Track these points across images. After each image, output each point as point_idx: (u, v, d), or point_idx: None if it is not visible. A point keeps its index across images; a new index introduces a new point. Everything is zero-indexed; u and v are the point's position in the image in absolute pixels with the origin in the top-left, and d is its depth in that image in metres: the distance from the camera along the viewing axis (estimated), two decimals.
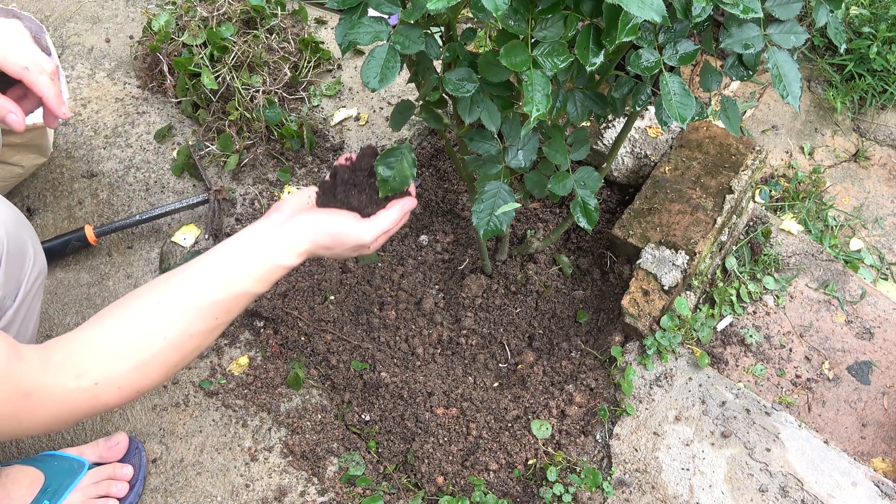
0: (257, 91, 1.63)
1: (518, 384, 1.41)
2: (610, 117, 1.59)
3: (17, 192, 1.59)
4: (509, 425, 1.35)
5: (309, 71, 1.76)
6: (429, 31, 0.90)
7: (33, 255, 1.05)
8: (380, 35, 0.87)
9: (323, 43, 1.81)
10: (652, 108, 1.62)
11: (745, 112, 1.96)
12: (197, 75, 1.63)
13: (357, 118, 1.73)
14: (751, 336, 1.46)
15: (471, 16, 1.83)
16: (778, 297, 1.53)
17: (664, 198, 1.47)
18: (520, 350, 1.45)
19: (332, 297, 1.49)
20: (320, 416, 1.35)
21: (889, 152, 1.91)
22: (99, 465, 1.24)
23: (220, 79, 1.61)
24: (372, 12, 0.90)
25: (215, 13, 1.65)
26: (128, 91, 1.77)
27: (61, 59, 1.82)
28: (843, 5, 1.46)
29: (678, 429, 1.31)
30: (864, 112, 1.97)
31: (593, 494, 1.25)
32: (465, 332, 1.47)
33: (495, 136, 1.03)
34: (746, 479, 1.25)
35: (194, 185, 1.62)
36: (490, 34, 1.83)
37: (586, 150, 1.14)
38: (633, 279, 1.40)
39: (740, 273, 1.54)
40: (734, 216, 1.51)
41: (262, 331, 1.43)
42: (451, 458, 1.32)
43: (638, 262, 1.40)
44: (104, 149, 1.67)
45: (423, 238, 1.58)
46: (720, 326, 1.48)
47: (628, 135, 1.57)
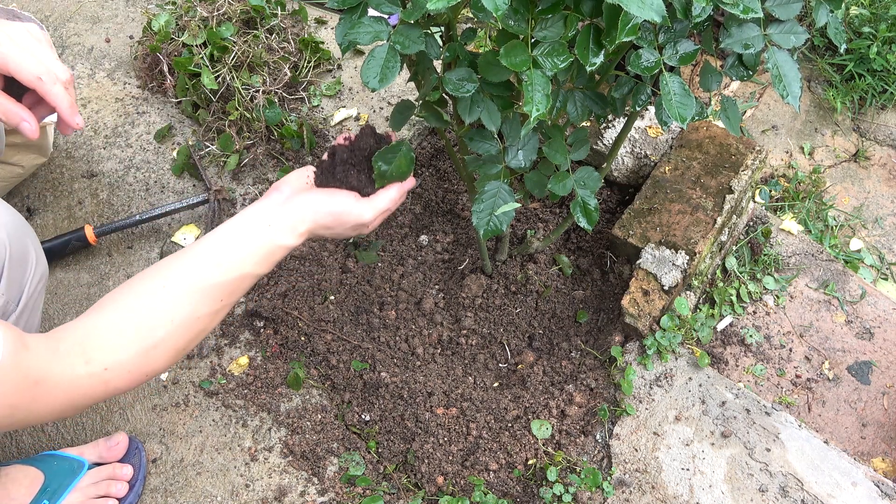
0: (257, 91, 1.62)
1: (518, 384, 1.41)
2: (610, 117, 1.59)
3: (17, 192, 1.59)
4: (509, 425, 1.35)
5: (309, 71, 1.76)
6: (429, 31, 0.90)
7: (35, 259, 1.05)
8: (380, 35, 0.87)
9: (323, 43, 1.81)
10: (652, 108, 1.62)
11: (745, 112, 1.96)
12: (197, 75, 1.63)
13: (357, 118, 1.73)
14: (751, 336, 1.46)
15: (471, 16, 1.83)
16: (778, 297, 1.53)
17: (664, 198, 1.47)
18: (520, 350, 1.45)
19: (332, 297, 1.49)
20: (320, 416, 1.35)
21: (889, 152, 1.91)
22: (99, 465, 1.24)
23: (220, 79, 1.61)
24: (372, 12, 0.90)
25: (215, 13, 1.65)
26: (128, 91, 1.77)
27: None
28: (843, 5, 1.46)
29: (678, 429, 1.31)
30: (864, 112, 1.97)
31: (593, 494, 1.25)
32: (465, 332, 1.47)
33: (495, 136, 1.04)
34: (746, 479, 1.25)
35: (194, 185, 1.62)
36: (490, 34, 1.83)
37: (586, 150, 1.14)
38: (633, 279, 1.40)
39: (740, 273, 1.54)
40: (734, 216, 1.51)
41: (262, 331, 1.43)
42: (451, 458, 1.32)
43: (638, 262, 1.40)
44: (104, 149, 1.67)
45: (423, 238, 1.58)
46: (720, 326, 1.48)
47: (628, 135, 1.56)
